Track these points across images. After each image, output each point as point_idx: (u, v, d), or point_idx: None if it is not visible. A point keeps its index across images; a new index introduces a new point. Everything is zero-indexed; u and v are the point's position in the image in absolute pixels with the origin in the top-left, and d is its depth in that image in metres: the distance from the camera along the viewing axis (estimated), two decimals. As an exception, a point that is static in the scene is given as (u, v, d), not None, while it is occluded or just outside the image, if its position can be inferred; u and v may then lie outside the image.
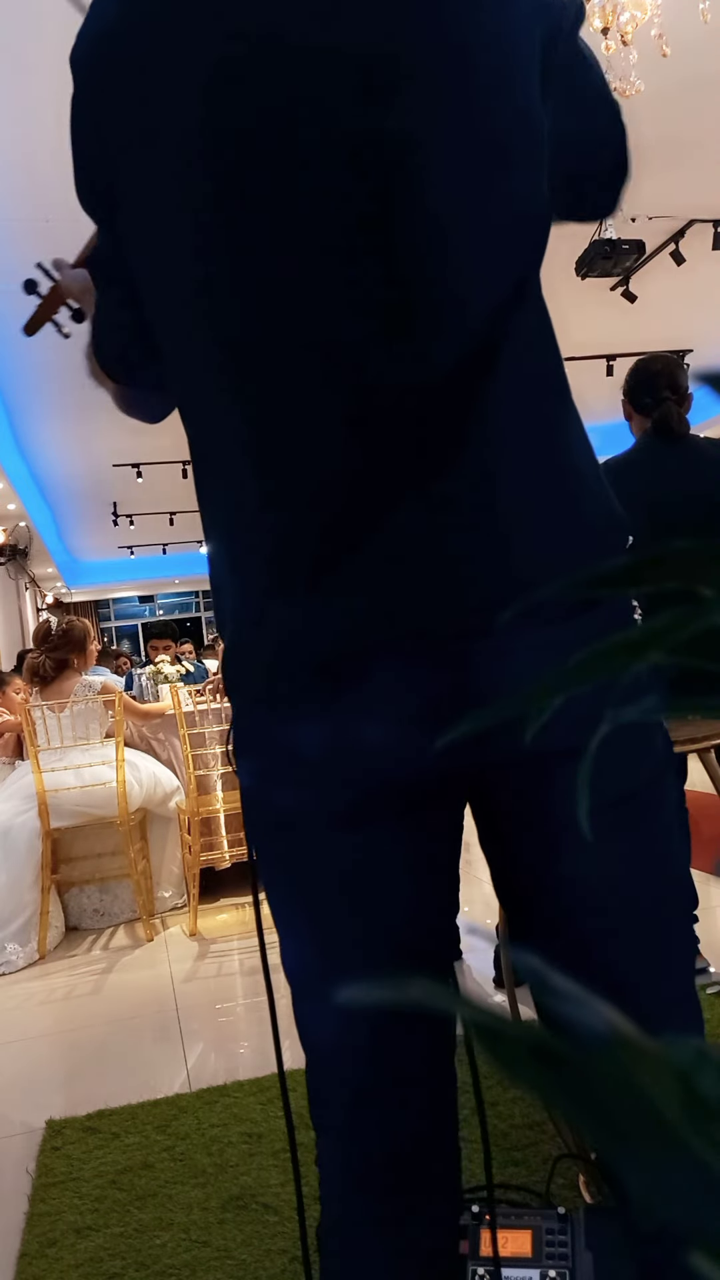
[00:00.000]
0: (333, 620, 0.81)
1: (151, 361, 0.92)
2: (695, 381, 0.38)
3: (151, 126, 0.82)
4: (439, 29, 0.79)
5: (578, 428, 0.86)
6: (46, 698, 3.99)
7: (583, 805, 0.72)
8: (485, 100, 0.80)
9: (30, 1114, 2.37)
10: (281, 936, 0.91)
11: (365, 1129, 0.90)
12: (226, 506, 0.88)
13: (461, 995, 0.23)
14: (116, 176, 0.86)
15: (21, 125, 3.72)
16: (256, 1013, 2.87)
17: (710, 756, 2.54)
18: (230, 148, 0.79)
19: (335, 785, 0.83)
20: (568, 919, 0.86)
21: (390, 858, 0.85)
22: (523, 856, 0.88)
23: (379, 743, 0.81)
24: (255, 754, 0.88)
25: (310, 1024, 0.91)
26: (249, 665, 0.87)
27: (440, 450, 0.79)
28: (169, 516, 12.42)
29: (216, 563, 0.89)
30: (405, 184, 0.78)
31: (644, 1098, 0.21)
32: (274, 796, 0.87)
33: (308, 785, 0.84)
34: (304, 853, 0.87)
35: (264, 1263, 1.68)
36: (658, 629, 0.25)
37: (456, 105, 0.79)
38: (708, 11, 3.01)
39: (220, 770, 4.06)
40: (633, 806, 0.83)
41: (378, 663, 0.80)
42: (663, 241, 5.50)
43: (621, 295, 5.69)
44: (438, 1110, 0.92)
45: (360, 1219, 0.92)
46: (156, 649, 5.62)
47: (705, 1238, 0.21)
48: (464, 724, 0.30)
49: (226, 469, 0.87)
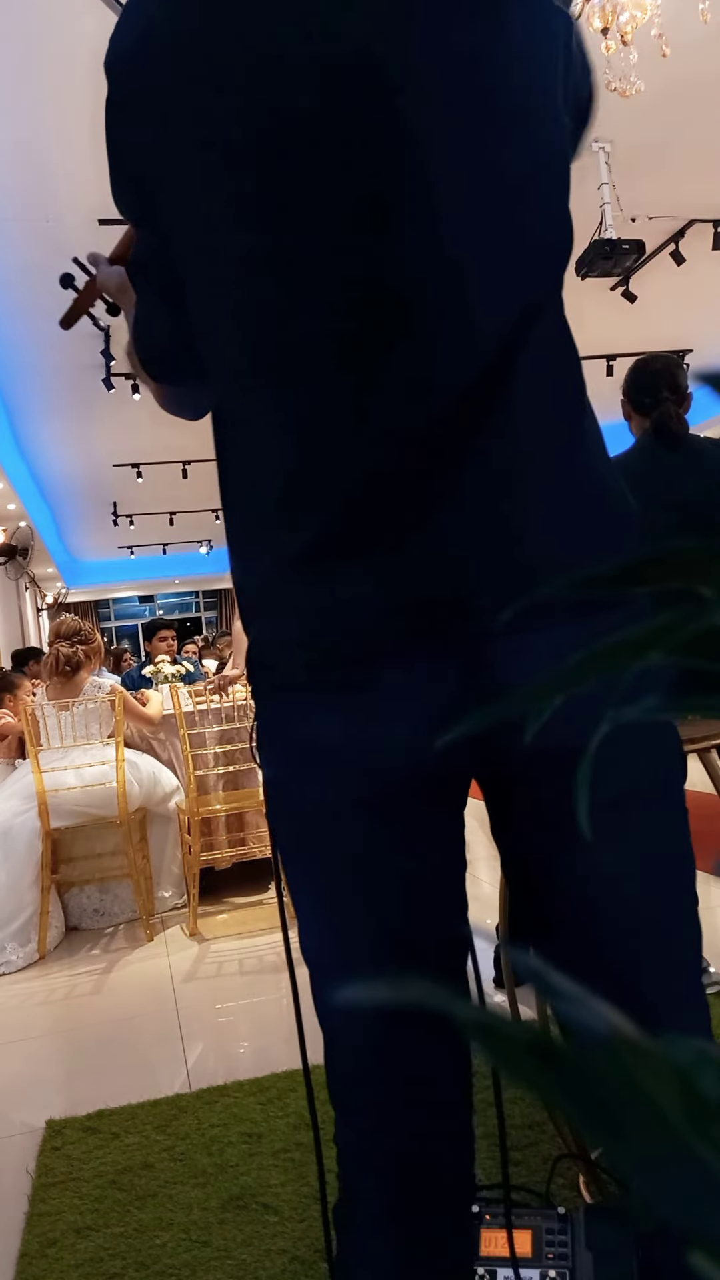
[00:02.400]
0: (350, 616, 0.83)
1: (191, 360, 0.93)
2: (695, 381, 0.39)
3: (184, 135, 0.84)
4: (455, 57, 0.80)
5: (593, 429, 0.87)
6: (61, 693, 4.00)
7: (582, 805, 0.72)
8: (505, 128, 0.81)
9: (30, 1114, 2.37)
10: (300, 923, 0.94)
11: (374, 1114, 0.92)
12: (249, 502, 0.90)
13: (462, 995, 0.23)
14: (153, 175, 0.88)
15: (22, 126, 3.72)
16: (256, 1013, 2.87)
17: (711, 756, 2.54)
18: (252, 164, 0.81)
19: (353, 777, 0.85)
20: (576, 916, 0.86)
21: (403, 851, 0.86)
22: (532, 854, 0.89)
23: (396, 737, 0.83)
24: (277, 745, 0.91)
25: (324, 1009, 0.94)
26: (270, 659, 0.89)
27: (456, 450, 0.80)
28: (169, 516, 12.42)
29: (238, 558, 0.91)
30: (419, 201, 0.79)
31: (644, 1098, 0.21)
32: (293, 787, 0.90)
33: (325, 776, 0.87)
34: (320, 842, 0.89)
35: (264, 1263, 1.68)
36: (658, 629, 0.25)
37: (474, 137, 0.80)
38: (708, 12, 3.01)
39: (220, 770, 4.06)
40: (638, 805, 0.84)
41: (394, 659, 0.82)
42: (663, 241, 5.50)
43: (621, 295, 5.70)
44: (448, 1102, 0.93)
45: (371, 1203, 0.93)
46: (164, 639, 5.55)
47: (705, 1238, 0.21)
48: (466, 722, 0.30)
49: (248, 463, 0.90)
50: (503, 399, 0.81)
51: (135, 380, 6.68)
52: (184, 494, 10.66)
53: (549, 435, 0.83)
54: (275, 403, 0.85)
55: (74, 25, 3.16)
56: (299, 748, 0.89)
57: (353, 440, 0.82)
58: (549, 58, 0.84)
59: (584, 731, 0.48)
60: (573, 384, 0.86)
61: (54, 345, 6.12)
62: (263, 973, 3.19)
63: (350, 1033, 0.92)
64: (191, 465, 9.54)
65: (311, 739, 0.87)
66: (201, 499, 11.03)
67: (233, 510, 0.92)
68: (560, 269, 0.86)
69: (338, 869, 0.89)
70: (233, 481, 0.92)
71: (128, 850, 3.79)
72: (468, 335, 0.80)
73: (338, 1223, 0.95)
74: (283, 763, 0.91)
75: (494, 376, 0.80)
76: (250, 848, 4.01)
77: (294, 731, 0.89)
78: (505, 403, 0.81)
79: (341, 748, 0.85)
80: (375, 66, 0.78)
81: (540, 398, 0.83)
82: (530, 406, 0.82)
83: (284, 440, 0.85)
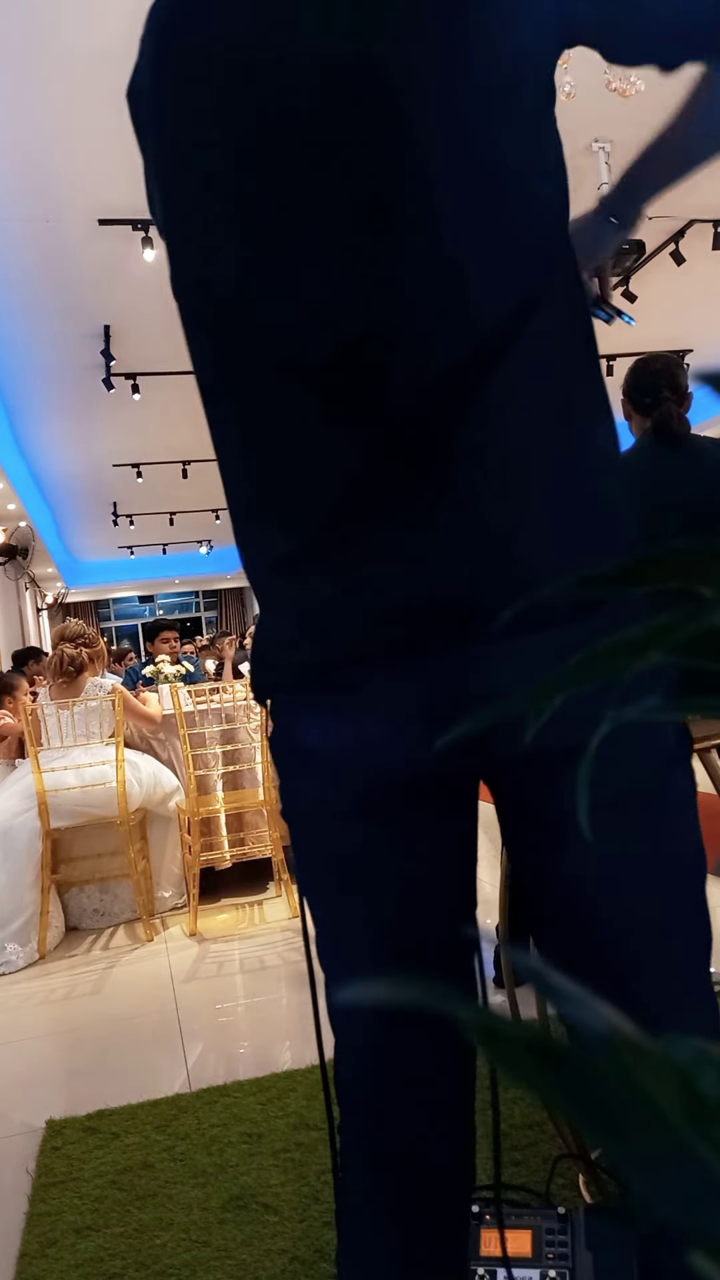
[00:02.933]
0: (335, 617, 0.83)
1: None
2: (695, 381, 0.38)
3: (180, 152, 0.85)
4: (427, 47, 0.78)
5: (598, 430, 0.85)
6: (63, 694, 4.00)
7: (582, 805, 0.72)
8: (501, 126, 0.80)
9: (30, 1114, 2.37)
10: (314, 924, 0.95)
11: (372, 1114, 0.92)
12: (235, 501, 0.91)
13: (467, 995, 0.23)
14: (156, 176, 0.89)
15: (22, 126, 3.72)
16: (256, 1013, 2.87)
17: (711, 756, 2.54)
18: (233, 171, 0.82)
19: (342, 780, 0.86)
20: (574, 916, 0.86)
21: (402, 851, 0.87)
22: (529, 854, 0.89)
23: (382, 740, 0.83)
24: (279, 748, 0.92)
25: (330, 1009, 0.95)
26: (270, 658, 0.90)
27: (442, 450, 0.80)
28: (169, 516, 12.43)
29: (240, 553, 0.92)
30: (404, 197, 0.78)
31: (644, 1098, 0.21)
32: (293, 789, 0.91)
33: (317, 779, 0.88)
34: (316, 844, 0.91)
35: (264, 1263, 1.68)
36: (658, 629, 0.25)
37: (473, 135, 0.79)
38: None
39: (220, 770, 4.06)
40: (636, 805, 0.83)
41: (380, 662, 0.82)
42: (663, 241, 5.50)
43: (621, 295, 5.70)
44: (448, 1104, 0.93)
45: (371, 1204, 0.93)
46: (167, 640, 5.55)
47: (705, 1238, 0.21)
48: (466, 723, 0.30)
49: (232, 467, 0.90)
50: (491, 403, 0.79)
51: (135, 380, 6.69)
52: (184, 494, 10.67)
53: (542, 439, 0.81)
54: (254, 406, 0.85)
55: (75, 26, 3.16)
56: (296, 749, 0.89)
57: (331, 442, 0.82)
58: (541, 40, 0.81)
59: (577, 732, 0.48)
60: (574, 386, 0.84)
61: (54, 345, 6.13)
62: (263, 972, 3.19)
63: (350, 1033, 0.92)
64: (191, 465, 9.54)
65: (306, 740, 0.87)
66: (201, 499, 11.04)
67: (230, 506, 0.93)
68: (552, 266, 0.84)
69: (336, 870, 0.89)
70: (224, 480, 0.93)
71: (128, 850, 3.79)
72: (461, 334, 0.79)
73: (338, 1223, 0.96)
74: (284, 764, 0.92)
75: (484, 376, 0.79)
76: (250, 848, 4.01)
77: (292, 733, 0.89)
78: (494, 407, 0.79)
79: (333, 749, 0.85)
80: (375, 66, 0.78)
81: (535, 401, 0.81)
82: (524, 410, 0.80)
83: (264, 443, 0.85)
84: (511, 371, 0.80)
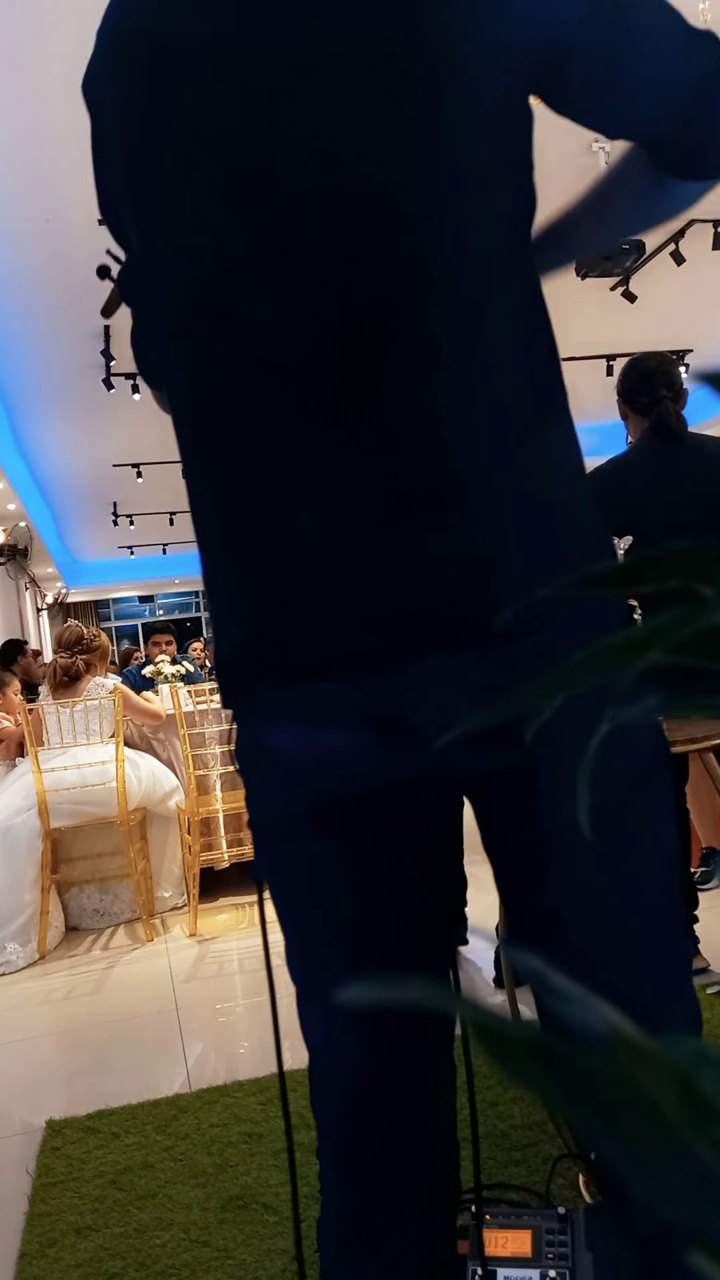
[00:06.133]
0: (284, 633, 0.82)
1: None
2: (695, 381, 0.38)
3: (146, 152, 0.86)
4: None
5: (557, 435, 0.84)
6: (63, 698, 4.00)
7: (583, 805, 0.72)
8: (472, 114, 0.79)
9: (30, 1114, 2.37)
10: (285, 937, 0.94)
11: (348, 1130, 0.92)
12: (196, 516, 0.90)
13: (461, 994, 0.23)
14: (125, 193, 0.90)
15: (22, 127, 3.72)
16: (256, 1013, 2.87)
17: (710, 756, 2.54)
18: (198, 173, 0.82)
19: (295, 791, 0.85)
20: (552, 924, 0.85)
21: (357, 864, 0.86)
22: (503, 863, 0.89)
23: (348, 748, 0.81)
24: (240, 757, 0.91)
25: (302, 1022, 0.93)
26: (226, 674, 0.88)
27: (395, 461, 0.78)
28: (169, 516, 12.41)
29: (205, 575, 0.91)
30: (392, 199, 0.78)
31: (644, 1098, 0.21)
32: (255, 799, 0.90)
33: (275, 789, 0.87)
34: (280, 855, 0.90)
35: (264, 1263, 1.68)
36: (658, 629, 0.25)
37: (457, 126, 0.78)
38: (707, 11, 3.00)
39: (220, 770, 4.06)
40: (613, 811, 0.81)
41: (327, 677, 0.80)
42: (663, 242, 5.50)
43: (621, 295, 5.69)
44: (425, 1114, 0.92)
45: (349, 1219, 0.92)
46: (159, 644, 5.64)
47: (705, 1238, 0.21)
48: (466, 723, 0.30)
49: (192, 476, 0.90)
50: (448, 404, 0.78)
51: (135, 380, 6.69)
52: (184, 494, 10.62)
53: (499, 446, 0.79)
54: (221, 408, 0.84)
55: (75, 25, 3.16)
56: (252, 759, 0.88)
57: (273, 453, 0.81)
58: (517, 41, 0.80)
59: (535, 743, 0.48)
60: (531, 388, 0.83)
61: (54, 345, 6.12)
62: (263, 972, 3.19)
63: (315, 1039, 0.92)
64: (191, 465, 9.52)
65: (260, 751, 0.87)
66: (201, 499, 11.00)
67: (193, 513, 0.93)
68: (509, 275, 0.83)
69: (293, 882, 0.89)
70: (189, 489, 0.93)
71: (128, 850, 3.79)
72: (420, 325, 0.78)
73: (319, 1233, 0.95)
74: (245, 773, 0.90)
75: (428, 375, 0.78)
76: (250, 848, 4.00)
77: (249, 744, 0.88)
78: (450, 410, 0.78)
79: (283, 761, 0.84)
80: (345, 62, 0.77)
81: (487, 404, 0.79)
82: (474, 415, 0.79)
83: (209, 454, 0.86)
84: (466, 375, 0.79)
